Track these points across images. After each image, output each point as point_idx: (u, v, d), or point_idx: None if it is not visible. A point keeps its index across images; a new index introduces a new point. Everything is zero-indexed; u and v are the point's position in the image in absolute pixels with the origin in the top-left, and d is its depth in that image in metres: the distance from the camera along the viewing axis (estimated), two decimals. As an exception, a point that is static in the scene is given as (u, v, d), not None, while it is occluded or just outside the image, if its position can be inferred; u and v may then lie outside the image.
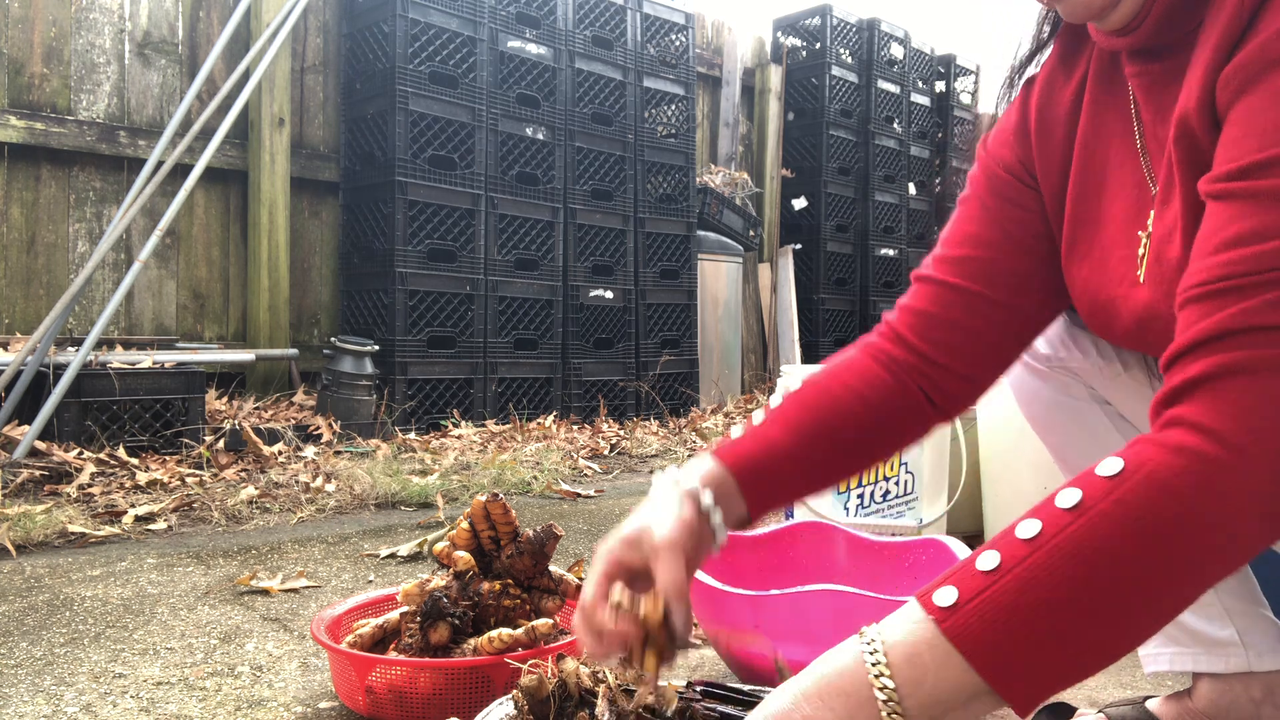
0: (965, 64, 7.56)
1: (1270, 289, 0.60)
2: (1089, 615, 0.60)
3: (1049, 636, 0.60)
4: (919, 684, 0.62)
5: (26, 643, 1.44)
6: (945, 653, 0.61)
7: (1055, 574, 0.60)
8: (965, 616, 0.61)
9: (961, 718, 0.63)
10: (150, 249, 3.26)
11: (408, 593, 1.22)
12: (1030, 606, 0.60)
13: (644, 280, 4.98)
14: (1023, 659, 0.61)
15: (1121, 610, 0.60)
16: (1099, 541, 0.60)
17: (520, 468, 3.13)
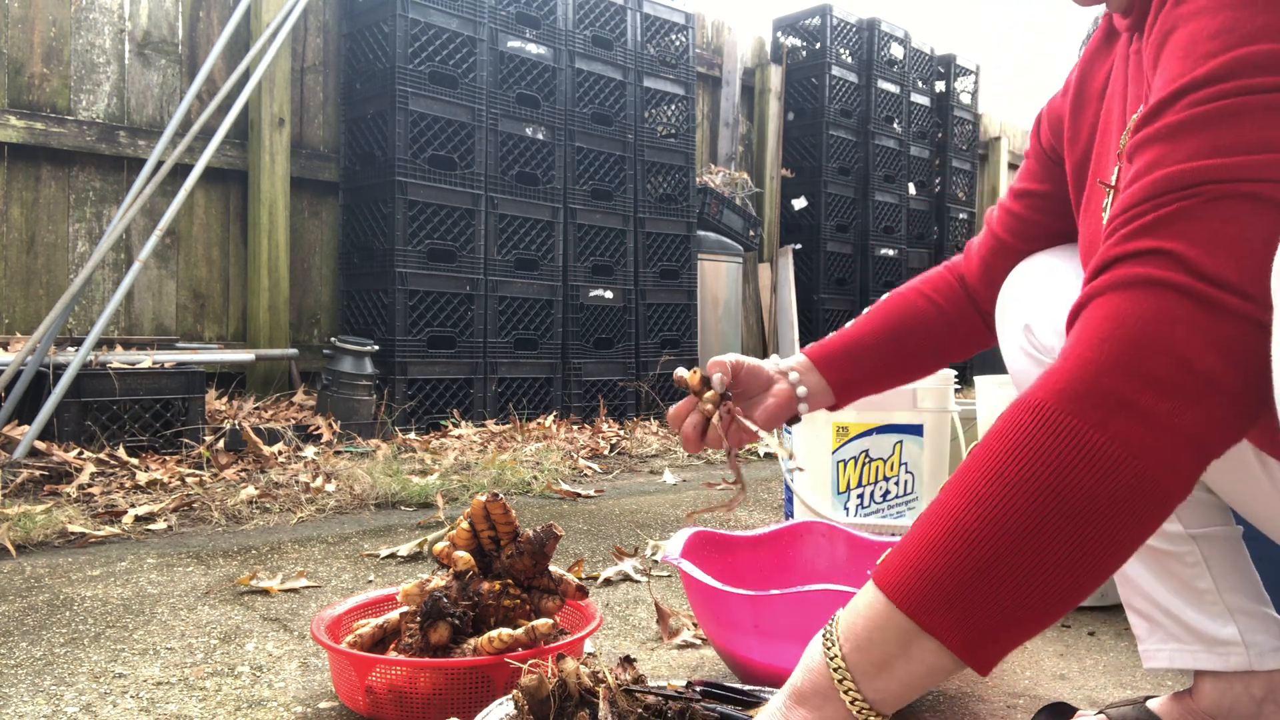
0: (965, 64, 7.56)
1: (1128, 224, 0.66)
2: (989, 533, 0.61)
3: (954, 561, 0.61)
4: (862, 641, 0.65)
5: (26, 643, 1.44)
6: (875, 598, 0.65)
7: (949, 502, 0.64)
8: (888, 561, 0.65)
9: (910, 670, 0.64)
10: (150, 249, 3.26)
11: (408, 593, 1.22)
12: (938, 535, 0.63)
13: (644, 280, 4.99)
14: (940, 590, 0.61)
15: (1007, 527, 0.61)
16: (982, 469, 0.63)
17: (520, 468, 3.13)
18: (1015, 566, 0.61)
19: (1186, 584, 1.00)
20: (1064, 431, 0.61)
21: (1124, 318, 0.62)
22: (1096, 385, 0.61)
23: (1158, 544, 1.01)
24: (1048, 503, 0.60)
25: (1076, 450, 0.60)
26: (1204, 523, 1.00)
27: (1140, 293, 0.62)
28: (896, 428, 1.96)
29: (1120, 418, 0.60)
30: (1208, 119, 0.65)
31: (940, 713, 1.21)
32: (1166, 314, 0.61)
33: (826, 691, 0.66)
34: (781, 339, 6.05)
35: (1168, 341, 0.60)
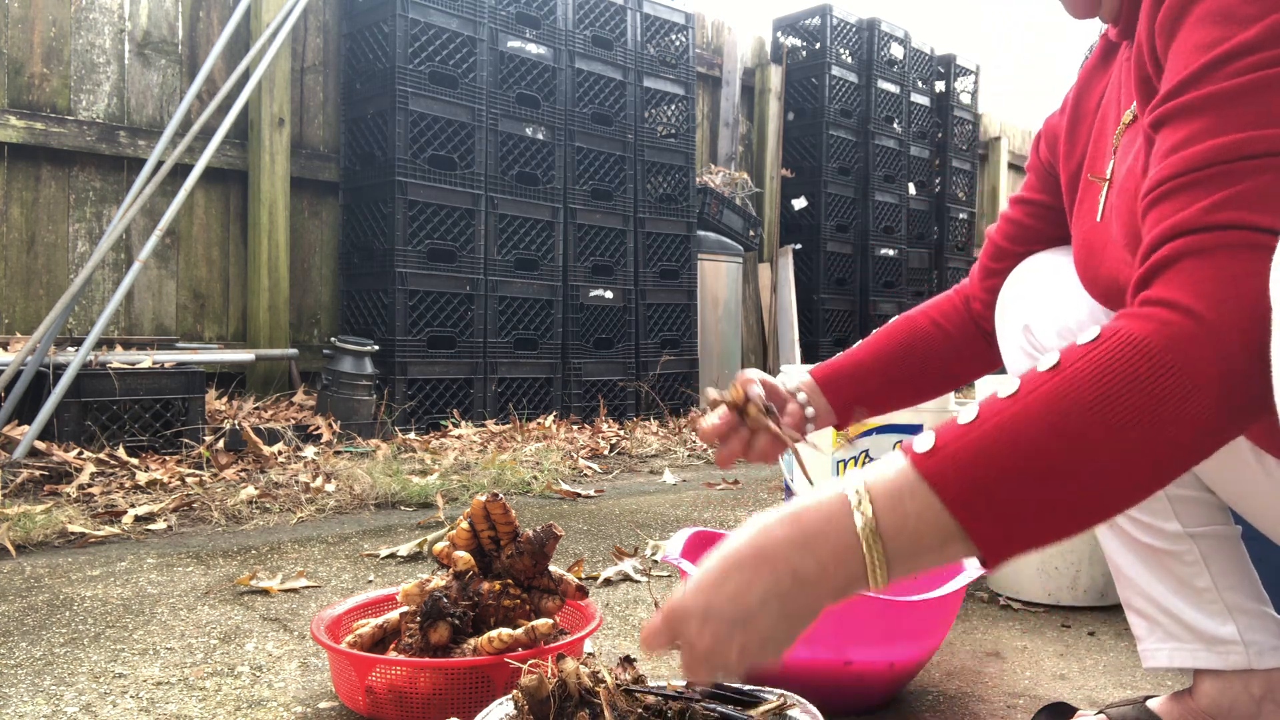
0: (965, 64, 7.56)
1: (1216, 184, 0.67)
2: (1059, 462, 0.62)
3: (1020, 481, 0.63)
4: (900, 526, 0.65)
5: (26, 643, 1.44)
6: (923, 494, 0.64)
7: (1028, 422, 0.63)
8: (941, 459, 0.65)
9: (936, 562, 0.66)
10: (150, 249, 3.26)
11: (408, 593, 1.22)
12: (1002, 451, 0.63)
13: (644, 280, 4.99)
14: (994, 502, 0.63)
15: (1090, 459, 0.62)
16: (1072, 392, 0.63)
17: (520, 468, 3.13)
18: (1084, 497, 0.64)
19: (1185, 583, 1.01)
20: (1172, 379, 0.62)
21: (1239, 280, 0.63)
22: (1216, 346, 0.62)
23: (1156, 543, 1.02)
24: (1143, 442, 0.62)
25: (1179, 398, 0.62)
26: (1202, 522, 1.01)
27: (1250, 256, 0.64)
28: (896, 428, 1.96)
29: (1230, 381, 0.62)
30: (1257, 88, 0.67)
31: (940, 713, 1.22)
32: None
33: (853, 569, 0.66)
34: (781, 339, 6.05)
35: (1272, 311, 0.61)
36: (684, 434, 4.39)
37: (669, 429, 4.53)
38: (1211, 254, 0.65)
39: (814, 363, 1.25)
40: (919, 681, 1.32)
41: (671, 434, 4.39)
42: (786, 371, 2.07)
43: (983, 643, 1.52)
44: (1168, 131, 0.73)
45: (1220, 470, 0.95)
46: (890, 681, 1.21)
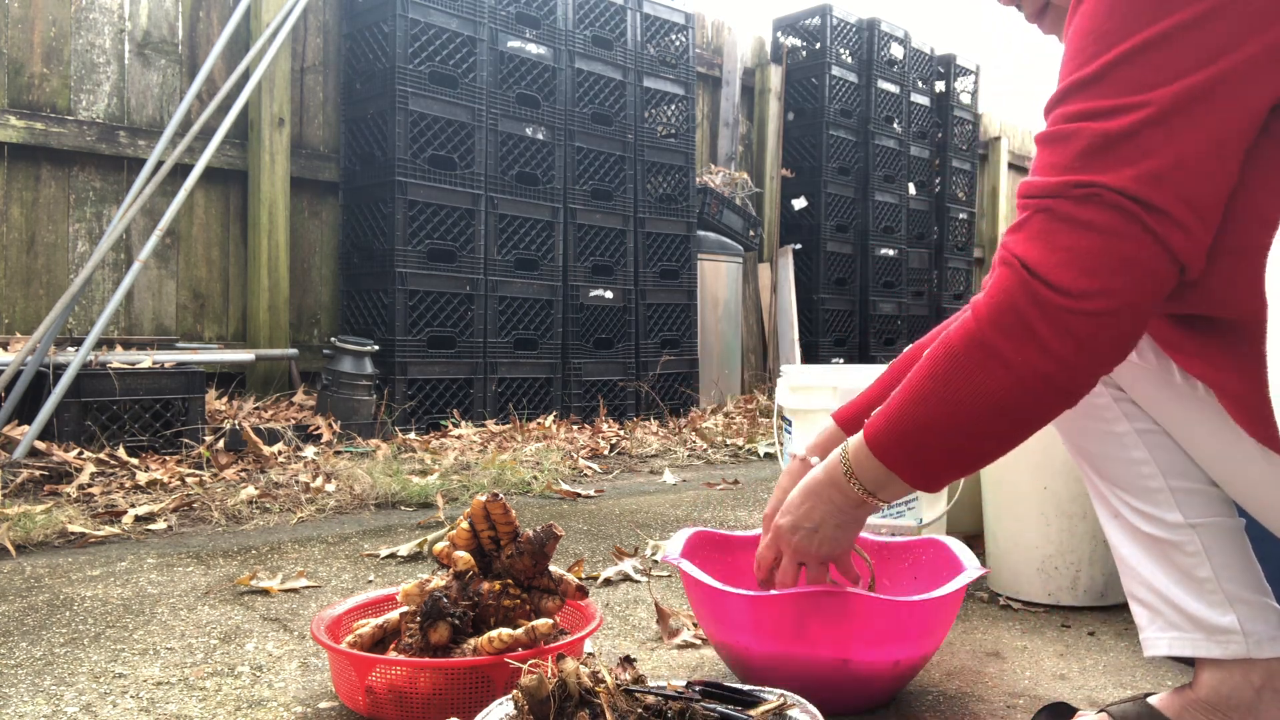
0: (965, 64, 7.56)
1: (1026, 218, 0.85)
2: (924, 415, 0.91)
3: (909, 431, 0.93)
4: (863, 471, 1.00)
5: (26, 643, 1.44)
6: (865, 451, 0.99)
7: (906, 397, 0.93)
8: (872, 426, 0.98)
9: (897, 489, 1.00)
10: (150, 249, 3.26)
11: (408, 593, 1.22)
12: (897, 414, 0.94)
13: (644, 280, 4.99)
14: (899, 447, 0.95)
15: (941, 411, 0.89)
16: (925, 373, 0.91)
17: (520, 468, 3.13)
18: (953, 439, 0.91)
19: (1187, 573, 1.02)
20: (968, 362, 0.87)
21: (996, 287, 0.85)
22: (979, 334, 0.86)
23: (1158, 533, 1.03)
24: (964, 398, 0.88)
25: (978, 374, 0.86)
26: (1204, 513, 1.02)
27: (1005, 270, 0.84)
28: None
29: (997, 360, 0.85)
30: (1043, 140, 0.85)
31: (940, 713, 1.22)
32: (1015, 288, 0.83)
33: (856, 495, 1.03)
34: (781, 339, 6.05)
35: (1013, 304, 0.83)
36: (684, 434, 4.39)
37: (669, 429, 4.53)
38: (995, 267, 0.87)
39: (814, 363, 1.25)
40: (919, 681, 1.32)
41: (671, 434, 4.39)
42: (786, 373, 2.07)
43: (983, 643, 1.52)
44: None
45: (1227, 466, 0.96)
46: (890, 681, 1.21)
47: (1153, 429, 1.03)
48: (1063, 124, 0.83)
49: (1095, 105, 0.81)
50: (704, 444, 4.14)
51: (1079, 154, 0.81)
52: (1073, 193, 0.80)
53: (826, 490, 1.07)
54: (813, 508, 1.09)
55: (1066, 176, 0.81)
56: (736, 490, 3.07)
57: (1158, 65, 0.79)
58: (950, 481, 0.95)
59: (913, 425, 0.92)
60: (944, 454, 0.92)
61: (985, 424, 0.88)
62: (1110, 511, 1.08)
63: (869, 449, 0.98)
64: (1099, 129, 0.80)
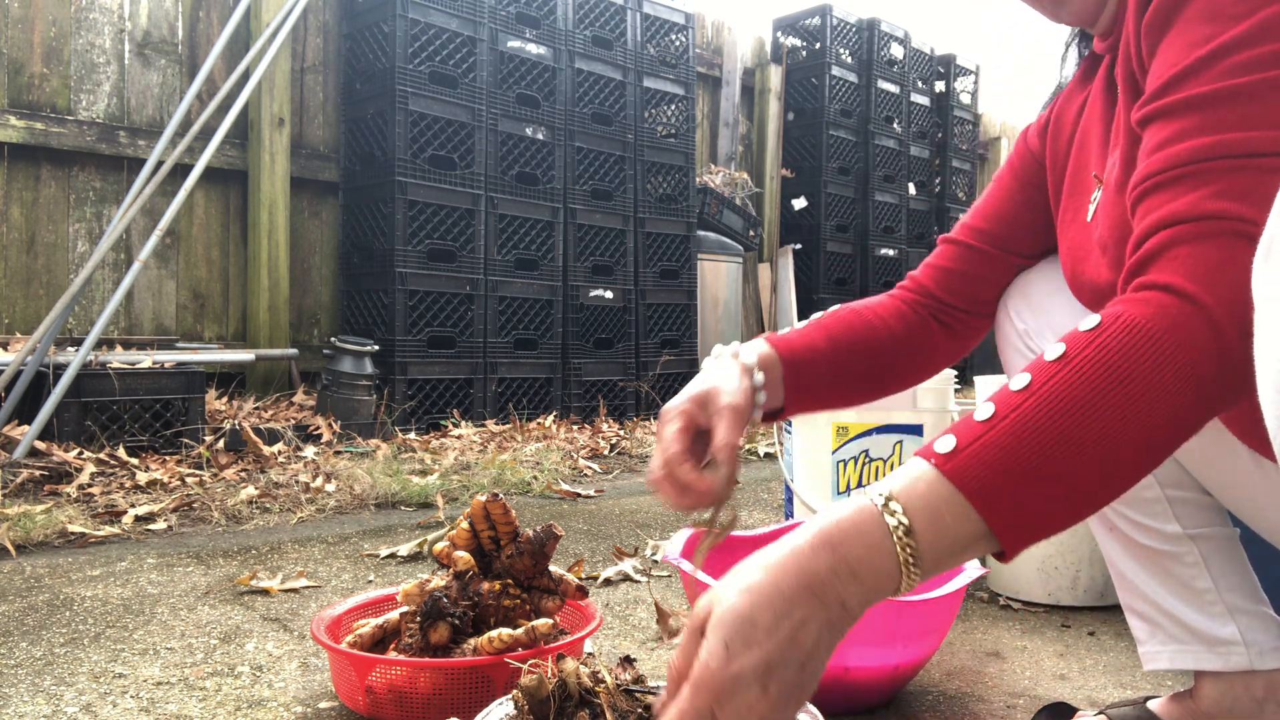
0: (965, 64, 7.56)
1: (1205, 179, 0.69)
2: (1079, 451, 0.64)
3: (1042, 475, 0.64)
4: (939, 539, 0.64)
5: (26, 643, 1.44)
6: (954, 500, 0.64)
7: (1045, 416, 0.65)
8: (964, 459, 0.64)
9: (961, 561, 0.66)
10: (150, 249, 3.26)
11: (408, 593, 1.22)
12: (1023, 448, 0.64)
13: (644, 280, 4.98)
14: (1018, 499, 0.64)
15: (1108, 445, 0.64)
16: (1084, 381, 0.65)
17: (520, 468, 3.13)
18: (1101, 479, 0.65)
19: (1185, 584, 1.01)
20: (1179, 366, 0.65)
21: (1228, 266, 0.66)
22: (1211, 326, 0.65)
23: (1156, 545, 1.02)
24: (1153, 421, 0.65)
25: (1183, 378, 0.64)
26: (1201, 523, 1.01)
27: (1238, 245, 0.67)
28: (896, 428, 1.95)
29: (1227, 357, 0.65)
30: (1245, 91, 0.70)
31: (940, 713, 1.22)
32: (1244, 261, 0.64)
33: (890, 585, 0.64)
34: (781, 339, 6.05)
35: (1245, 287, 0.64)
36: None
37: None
38: (1202, 241, 0.68)
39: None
40: (919, 681, 1.32)
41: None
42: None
43: (983, 643, 1.52)
44: (1156, 128, 0.75)
45: (1219, 474, 0.95)
46: (890, 681, 1.21)
47: None
48: (1271, 70, 0.69)
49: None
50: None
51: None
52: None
53: (835, 584, 0.63)
54: (803, 621, 0.62)
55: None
56: (736, 490, 3.07)
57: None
58: (1047, 537, 0.68)
59: (1068, 451, 0.64)
60: (1083, 491, 0.65)
61: (1166, 443, 0.66)
62: (1106, 525, 1.07)
63: (967, 496, 0.64)
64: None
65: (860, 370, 1.08)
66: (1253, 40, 0.70)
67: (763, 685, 0.60)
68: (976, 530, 0.64)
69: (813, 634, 0.62)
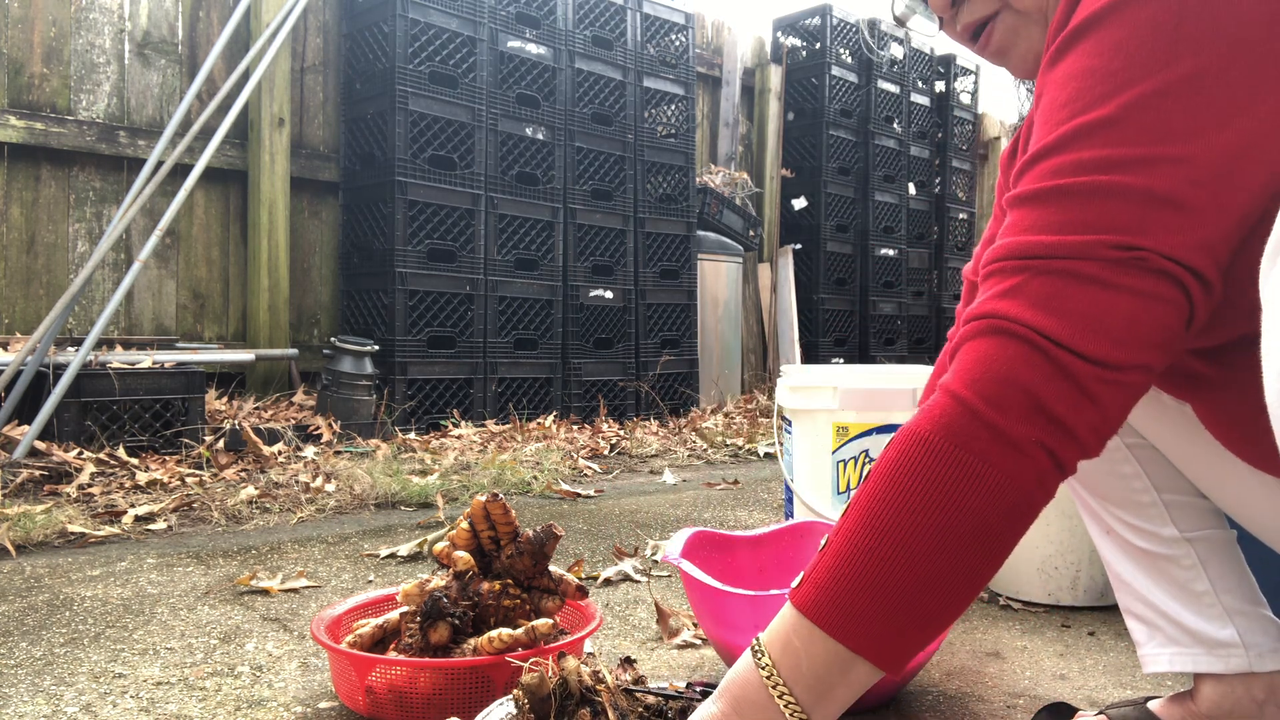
0: (965, 64, 7.55)
1: (999, 278, 0.73)
2: (892, 560, 0.69)
3: (871, 587, 0.69)
4: (798, 668, 0.71)
5: (26, 643, 1.44)
6: (802, 626, 0.71)
7: (855, 532, 0.71)
8: (805, 588, 0.72)
9: (847, 693, 0.71)
10: (150, 249, 3.26)
11: (408, 593, 1.22)
12: (846, 565, 0.70)
13: (644, 280, 4.98)
14: (860, 613, 0.69)
15: (913, 550, 0.69)
16: (876, 495, 0.71)
17: (520, 468, 3.13)
18: (930, 583, 0.69)
19: (1183, 587, 1.01)
20: (950, 461, 0.69)
21: (990, 361, 0.70)
22: (974, 419, 0.69)
23: (1153, 548, 1.02)
24: (948, 521, 0.69)
25: (964, 475, 0.69)
26: (1198, 526, 1.01)
27: (1002, 341, 0.71)
28: (896, 428, 1.95)
29: (997, 446, 0.69)
30: (1046, 194, 0.73)
31: (940, 713, 1.21)
32: (1023, 361, 0.69)
33: (760, 702, 0.73)
34: (781, 339, 6.05)
35: (1022, 383, 0.69)
36: (684, 434, 4.39)
37: (669, 429, 4.53)
38: (977, 339, 0.72)
39: (814, 363, 1.24)
40: (919, 681, 1.32)
41: (671, 434, 4.39)
42: (786, 373, 2.07)
43: (983, 643, 1.52)
44: (1008, 213, 0.76)
45: (1218, 481, 0.95)
46: (890, 681, 1.21)
47: (1142, 443, 1.02)
48: (1074, 176, 0.71)
49: (1117, 154, 0.70)
50: (704, 444, 4.14)
51: (1110, 212, 0.70)
52: (1107, 254, 0.69)
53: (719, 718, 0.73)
54: None
55: (1098, 236, 0.69)
56: (736, 490, 3.07)
57: (1187, 110, 0.70)
58: (918, 652, 0.71)
59: (881, 562, 0.69)
60: (925, 600, 0.69)
61: (981, 538, 0.69)
62: (1103, 528, 1.07)
63: (812, 621, 0.70)
64: (1137, 185, 0.69)
65: None
66: (1061, 147, 0.73)
67: None
68: (840, 656, 0.70)
69: None
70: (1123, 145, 0.70)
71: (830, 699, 0.71)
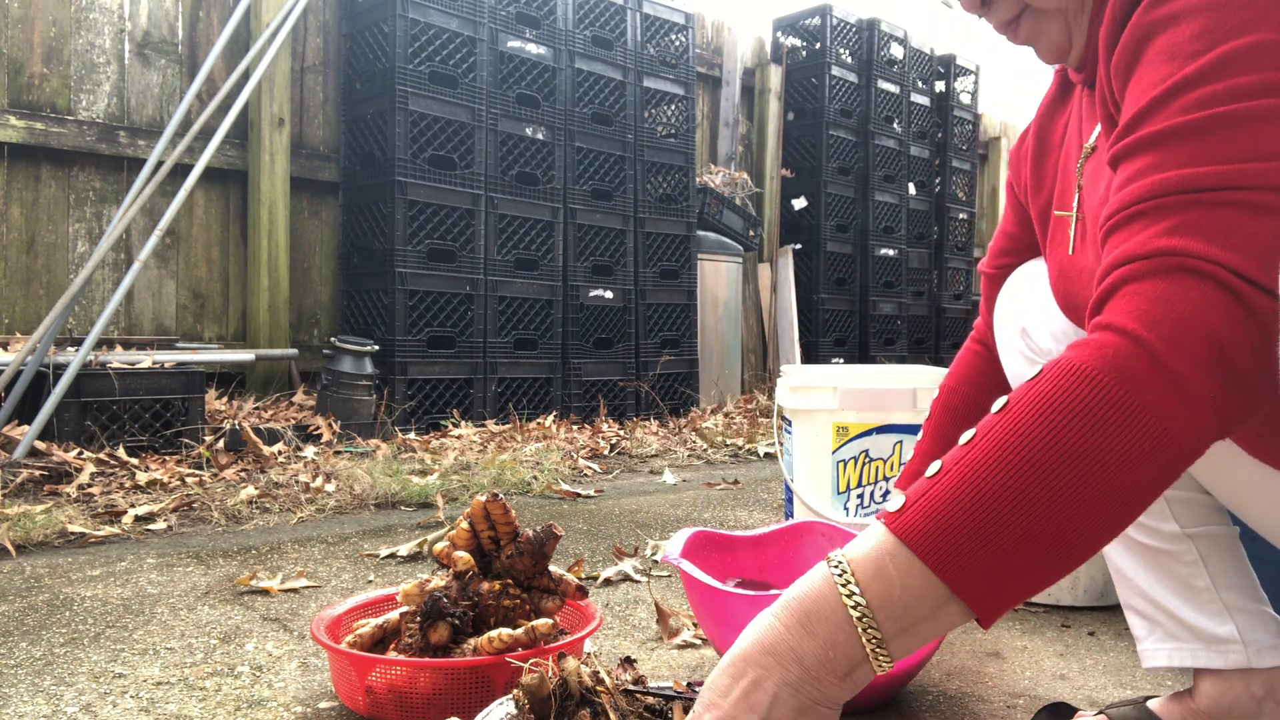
0: (965, 64, 7.55)
1: (1158, 215, 0.69)
2: (1023, 501, 0.63)
3: (992, 526, 0.63)
4: (888, 595, 0.65)
5: (26, 643, 1.44)
6: (901, 554, 0.65)
7: (985, 467, 0.64)
8: (912, 515, 0.65)
9: (932, 630, 0.66)
10: (150, 249, 3.26)
11: (408, 593, 1.22)
12: (969, 498, 0.64)
13: (644, 280, 4.98)
14: (971, 552, 0.63)
15: (1051, 489, 0.63)
16: (1020, 429, 0.65)
17: (520, 468, 3.13)
18: (1060, 533, 0.64)
19: (1184, 583, 1.01)
20: (1118, 406, 0.64)
21: (1173, 302, 0.65)
22: (1152, 365, 0.64)
23: (1154, 543, 1.02)
24: (1100, 471, 0.63)
25: (1129, 424, 0.63)
26: (1199, 522, 1.01)
27: (1184, 280, 0.66)
28: (896, 428, 1.96)
29: (1172, 399, 0.64)
30: (1200, 126, 0.69)
31: (940, 713, 1.22)
32: (1209, 302, 0.65)
33: (853, 649, 0.66)
34: (781, 339, 6.05)
35: (1208, 328, 0.64)
36: (684, 434, 4.39)
37: (669, 429, 4.53)
38: (1149, 279, 0.67)
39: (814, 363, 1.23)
40: (919, 681, 1.32)
41: (671, 434, 4.39)
42: (786, 373, 2.07)
43: (983, 643, 1.52)
44: (1123, 166, 0.75)
45: (1218, 474, 0.95)
46: (890, 681, 1.21)
47: None
48: (1233, 103, 0.68)
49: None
50: (704, 444, 4.14)
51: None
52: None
53: (790, 640, 0.66)
54: (756, 681, 0.67)
55: (1274, 164, 0.66)
56: (736, 490, 3.07)
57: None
58: (1015, 605, 0.66)
59: (1011, 502, 0.63)
60: (1048, 550, 0.64)
61: (1127, 495, 0.64)
62: None
63: (914, 550, 0.64)
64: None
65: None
66: (1205, 77, 0.70)
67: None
68: (927, 582, 0.64)
69: (768, 691, 0.66)
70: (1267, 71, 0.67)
71: (912, 634, 0.65)
